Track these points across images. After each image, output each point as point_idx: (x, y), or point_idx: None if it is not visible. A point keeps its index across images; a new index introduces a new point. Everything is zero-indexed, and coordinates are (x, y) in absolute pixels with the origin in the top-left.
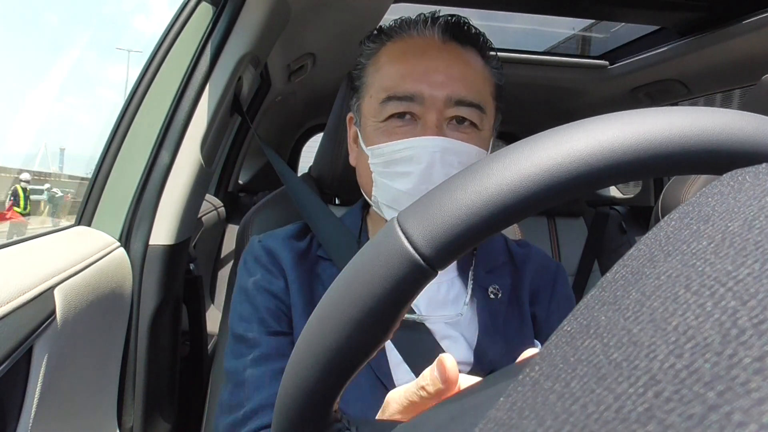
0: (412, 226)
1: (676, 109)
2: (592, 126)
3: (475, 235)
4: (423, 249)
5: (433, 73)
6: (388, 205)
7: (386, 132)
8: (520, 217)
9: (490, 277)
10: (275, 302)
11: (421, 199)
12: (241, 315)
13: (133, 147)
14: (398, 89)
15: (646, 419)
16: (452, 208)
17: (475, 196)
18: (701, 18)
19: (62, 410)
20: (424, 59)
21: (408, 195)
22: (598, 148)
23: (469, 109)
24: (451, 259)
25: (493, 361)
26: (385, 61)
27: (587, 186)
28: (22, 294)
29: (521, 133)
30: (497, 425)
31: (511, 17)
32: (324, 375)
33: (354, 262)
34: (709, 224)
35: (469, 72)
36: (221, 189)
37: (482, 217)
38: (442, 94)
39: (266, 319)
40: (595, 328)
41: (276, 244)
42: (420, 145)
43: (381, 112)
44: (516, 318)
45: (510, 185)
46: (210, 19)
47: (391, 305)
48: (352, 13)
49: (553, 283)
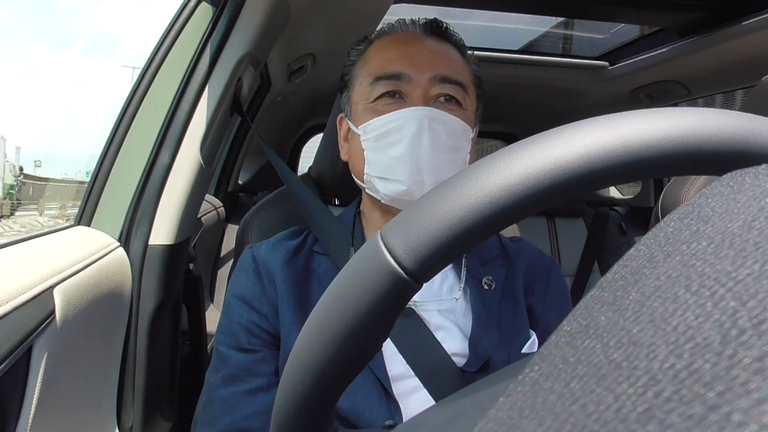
0: (395, 240)
1: (676, 110)
2: (574, 131)
3: (456, 246)
4: (405, 263)
5: (418, 55)
6: (380, 176)
7: (376, 110)
8: (502, 227)
9: (484, 269)
10: (249, 315)
11: (403, 213)
12: (220, 326)
13: (133, 147)
14: (386, 70)
15: (646, 419)
16: (432, 221)
17: (455, 208)
18: (701, 18)
19: (62, 410)
20: (408, 45)
21: (400, 160)
22: (574, 156)
23: (452, 87)
24: (434, 271)
25: (488, 351)
26: (373, 53)
27: (573, 191)
28: (21, 294)
29: (521, 134)
30: (497, 425)
31: (512, 17)
32: (317, 389)
33: (339, 277)
34: (709, 225)
35: (450, 56)
36: (221, 189)
37: (463, 228)
38: (427, 73)
39: (238, 334)
40: (595, 328)
41: (265, 250)
42: (408, 115)
43: (371, 93)
44: (510, 308)
45: (489, 196)
46: (210, 19)
47: (377, 319)
48: (352, 13)
49: (547, 274)
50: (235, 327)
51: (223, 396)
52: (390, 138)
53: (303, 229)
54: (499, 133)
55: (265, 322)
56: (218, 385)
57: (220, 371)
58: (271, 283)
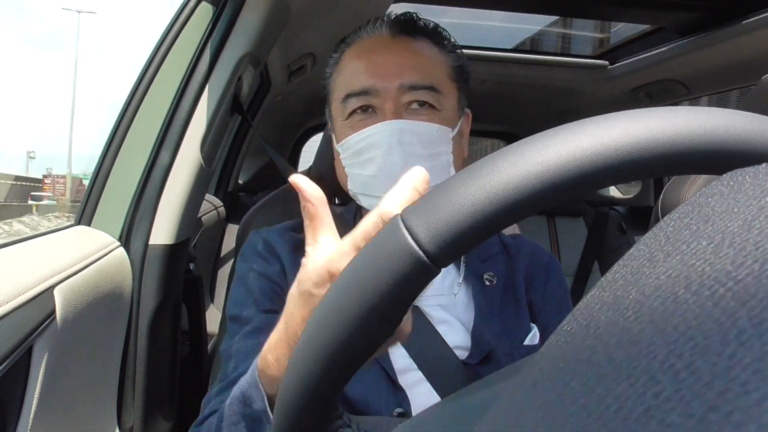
0: (416, 224)
1: (677, 109)
2: (598, 125)
3: (479, 232)
4: (427, 246)
5: (383, 65)
6: (361, 193)
7: (351, 127)
8: (525, 215)
9: (485, 266)
10: (270, 285)
11: (425, 197)
12: (236, 300)
13: (133, 147)
14: (354, 86)
15: (646, 419)
16: (456, 206)
17: (480, 194)
18: (702, 18)
19: (62, 410)
20: (374, 55)
21: (375, 178)
22: (601, 147)
23: (423, 92)
24: (454, 256)
25: (491, 343)
26: (343, 65)
27: (590, 185)
28: (21, 294)
29: (522, 133)
30: (498, 425)
31: (514, 17)
32: (327, 372)
33: (357, 259)
34: (709, 224)
35: (419, 59)
36: (221, 189)
37: (487, 214)
38: (394, 83)
39: (260, 300)
40: (595, 328)
41: (273, 235)
42: (378, 131)
43: (344, 110)
44: (512, 302)
45: (515, 183)
46: (210, 19)
47: (394, 303)
48: (352, 13)
49: (546, 270)
50: (255, 293)
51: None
52: (364, 156)
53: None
54: (499, 132)
55: (280, 289)
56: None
57: (239, 332)
58: (280, 262)
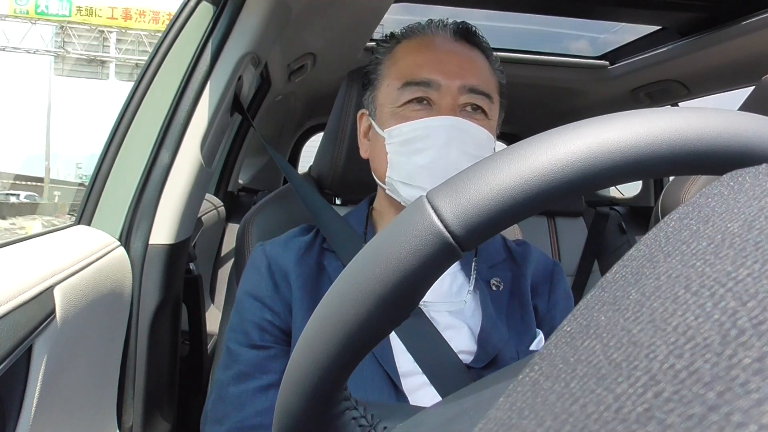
0: (443, 204)
1: (677, 110)
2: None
3: (506, 215)
4: (453, 227)
5: (447, 63)
6: (404, 182)
7: (403, 116)
8: (552, 203)
9: (492, 272)
10: (261, 313)
11: (451, 178)
12: (231, 325)
13: (133, 146)
14: (416, 76)
15: (646, 419)
16: (485, 187)
17: (509, 177)
18: (701, 18)
19: (62, 410)
20: (438, 51)
21: (426, 169)
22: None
23: (480, 97)
24: (480, 239)
25: (497, 347)
26: (401, 55)
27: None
28: (21, 293)
29: (522, 133)
30: (497, 425)
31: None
32: (340, 351)
33: (377, 239)
34: (709, 225)
35: (480, 66)
36: (221, 188)
37: (516, 198)
38: (457, 82)
39: (249, 332)
40: (595, 329)
41: (278, 248)
42: (436, 124)
43: (399, 98)
44: (518, 308)
45: (546, 170)
46: (210, 18)
47: (416, 283)
48: (352, 13)
49: (551, 276)
50: (246, 324)
51: (234, 393)
52: (416, 145)
53: (312, 226)
54: (500, 132)
55: (278, 319)
56: (228, 383)
57: (231, 369)
58: (284, 281)
